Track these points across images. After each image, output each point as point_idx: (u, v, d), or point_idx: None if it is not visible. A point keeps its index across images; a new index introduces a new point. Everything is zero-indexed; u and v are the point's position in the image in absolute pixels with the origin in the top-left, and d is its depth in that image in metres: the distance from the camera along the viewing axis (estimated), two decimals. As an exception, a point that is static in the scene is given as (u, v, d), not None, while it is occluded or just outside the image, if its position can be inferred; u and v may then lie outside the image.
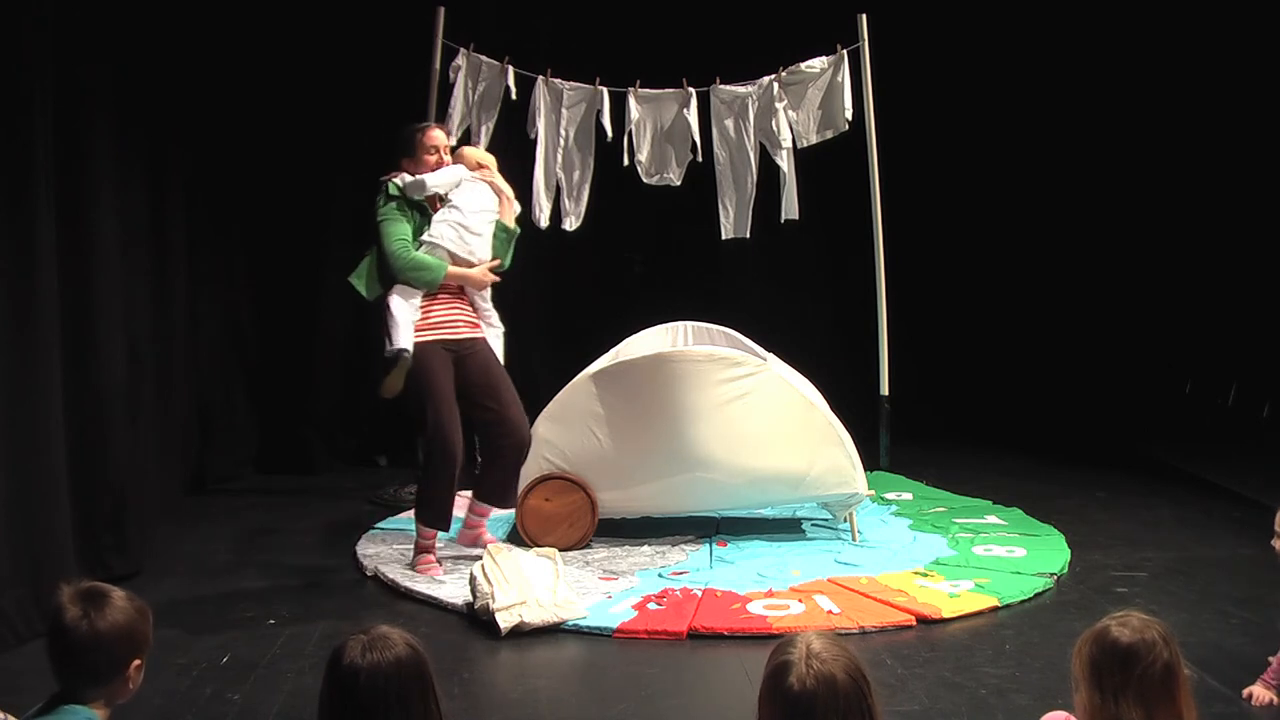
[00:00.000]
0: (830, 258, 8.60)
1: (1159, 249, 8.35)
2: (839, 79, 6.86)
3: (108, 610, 2.51)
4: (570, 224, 7.04)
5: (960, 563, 5.46)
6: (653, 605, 4.89)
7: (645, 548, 5.70)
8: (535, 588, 4.76)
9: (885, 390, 7.11)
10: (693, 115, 6.90)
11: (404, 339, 5.24)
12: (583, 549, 5.65)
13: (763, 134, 6.98)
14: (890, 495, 6.67)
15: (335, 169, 7.52)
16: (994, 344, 8.62)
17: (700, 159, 6.95)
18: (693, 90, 6.90)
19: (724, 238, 7.15)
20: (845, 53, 6.87)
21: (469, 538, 5.47)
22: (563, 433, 5.71)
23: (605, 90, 6.89)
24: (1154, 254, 8.37)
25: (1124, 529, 6.07)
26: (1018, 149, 8.45)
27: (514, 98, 6.86)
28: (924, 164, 8.22)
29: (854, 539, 5.82)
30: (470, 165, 5.60)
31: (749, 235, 7.12)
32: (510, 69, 6.84)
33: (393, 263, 5.29)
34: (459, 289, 5.44)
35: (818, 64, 6.90)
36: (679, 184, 7.03)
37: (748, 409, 5.64)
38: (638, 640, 4.62)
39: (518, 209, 5.79)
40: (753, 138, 6.97)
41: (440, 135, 5.57)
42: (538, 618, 4.66)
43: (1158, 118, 8.18)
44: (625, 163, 6.93)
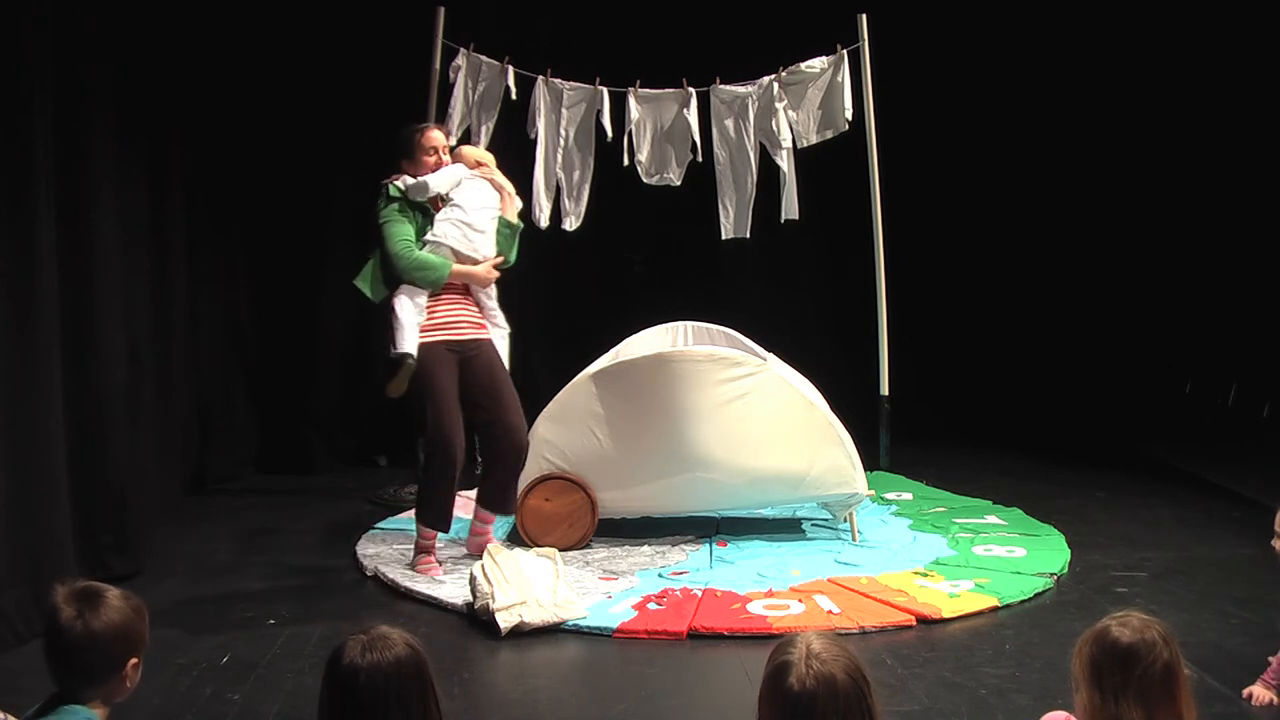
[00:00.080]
0: (830, 258, 8.60)
1: (1159, 249, 8.35)
2: (839, 79, 6.86)
3: (103, 610, 2.50)
4: (570, 224, 7.03)
5: (960, 563, 5.46)
6: (653, 605, 4.89)
7: (645, 548, 5.70)
8: (535, 588, 4.76)
9: (885, 390, 7.11)
10: (693, 115, 6.90)
11: (408, 342, 5.23)
12: (583, 549, 5.65)
13: (763, 134, 6.98)
14: (890, 495, 6.67)
15: (335, 169, 7.53)
16: (994, 344, 8.62)
17: (700, 159, 6.95)
18: (693, 90, 6.90)
19: (724, 238, 7.15)
20: (845, 53, 6.87)
21: (476, 545, 5.44)
22: (563, 433, 5.71)
23: (605, 90, 6.89)
24: (1154, 254, 8.37)
25: (1124, 529, 6.07)
26: (1018, 149, 8.45)
27: (514, 98, 6.86)
28: (924, 164, 8.23)
29: (854, 539, 5.82)
30: (469, 164, 5.60)
31: (749, 235, 7.12)
32: (510, 69, 6.84)
33: (397, 263, 5.28)
34: (464, 288, 5.43)
35: (818, 64, 6.90)
36: (679, 184, 7.03)
37: (748, 409, 5.64)
38: (638, 640, 4.61)
39: (519, 204, 5.79)
40: (753, 138, 6.97)
41: (439, 136, 5.57)
42: (538, 618, 4.65)
43: (1158, 118, 8.17)
44: (625, 163, 6.92)
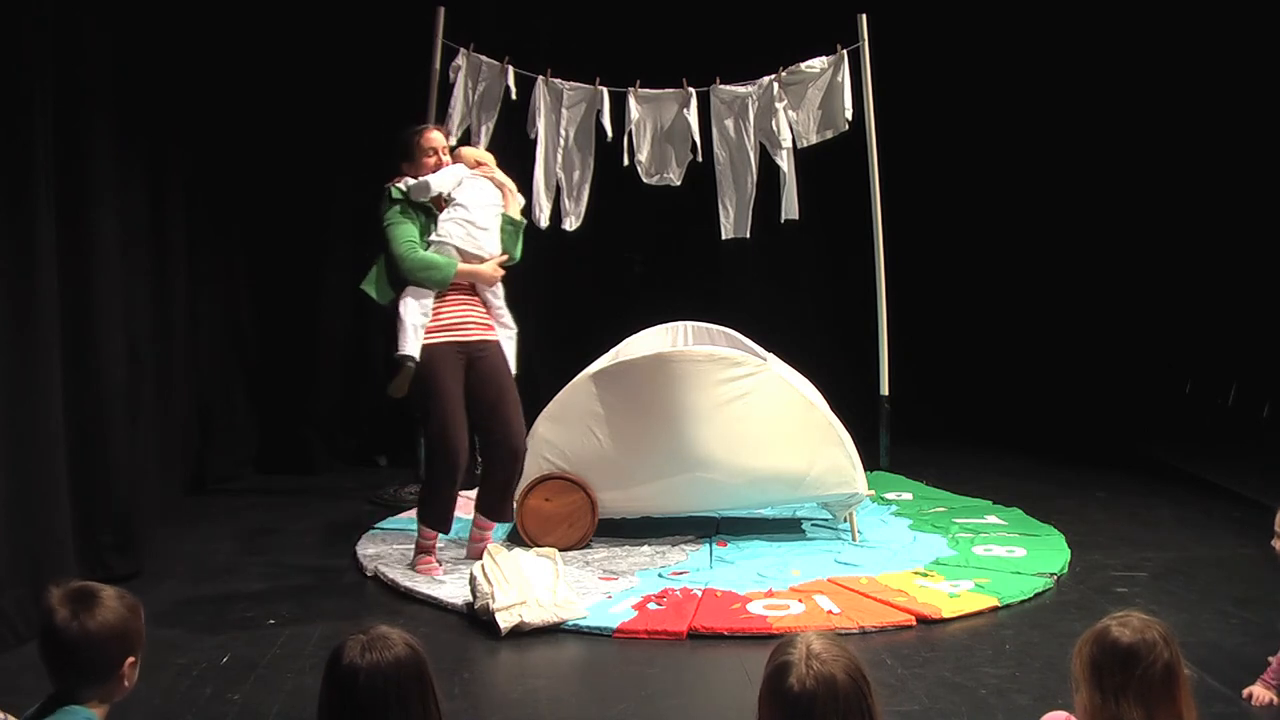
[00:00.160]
0: (830, 258, 8.61)
1: (1159, 249, 8.35)
2: (839, 79, 6.86)
3: (98, 610, 2.49)
4: (570, 224, 7.03)
5: (960, 563, 5.45)
6: (653, 605, 4.89)
7: (645, 548, 5.70)
8: (535, 588, 4.75)
9: (885, 390, 7.11)
10: (693, 115, 6.90)
11: (410, 345, 5.21)
12: (583, 549, 5.65)
13: (763, 134, 6.97)
14: (890, 495, 6.67)
15: (335, 169, 7.53)
16: (994, 344, 8.62)
17: (700, 159, 6.95)
18: (693, 90, 6.90)
19: (724, 238, 7.15)
20: (845, 53, 6.87)
21: (476, 551, 5.41)
22: (563, 433, 5.70)
23: (605, 90, 6.89)
24: (1154, 254, 8.37)
25: (1124, 529, 6.07)
26: (1018, 149, 8.46)
27: (514, 98, 6.86)
28: (924, 164, 8.23)
29: (854, 539, 5.82)
30: (469, 164, 5.59)
31: (749, 235, 7.12)
32: (510, 69, 6.84)
33: (402, 264, 5.27)
34: (471, 288, 5.42)
35: (818, 64, 6.90)
36: (679, 184, 7.03)
37: (748, 409, 5.64)
38: (638, 640, 4.61)
39: (521, 201, 5.79)
40: (753, 138, 6.97)
41: (438, 136, 5.55)
42: (538, 618, 4.65)
43: (1158, 118, 8.17)
44: (625, 163, 6.93)
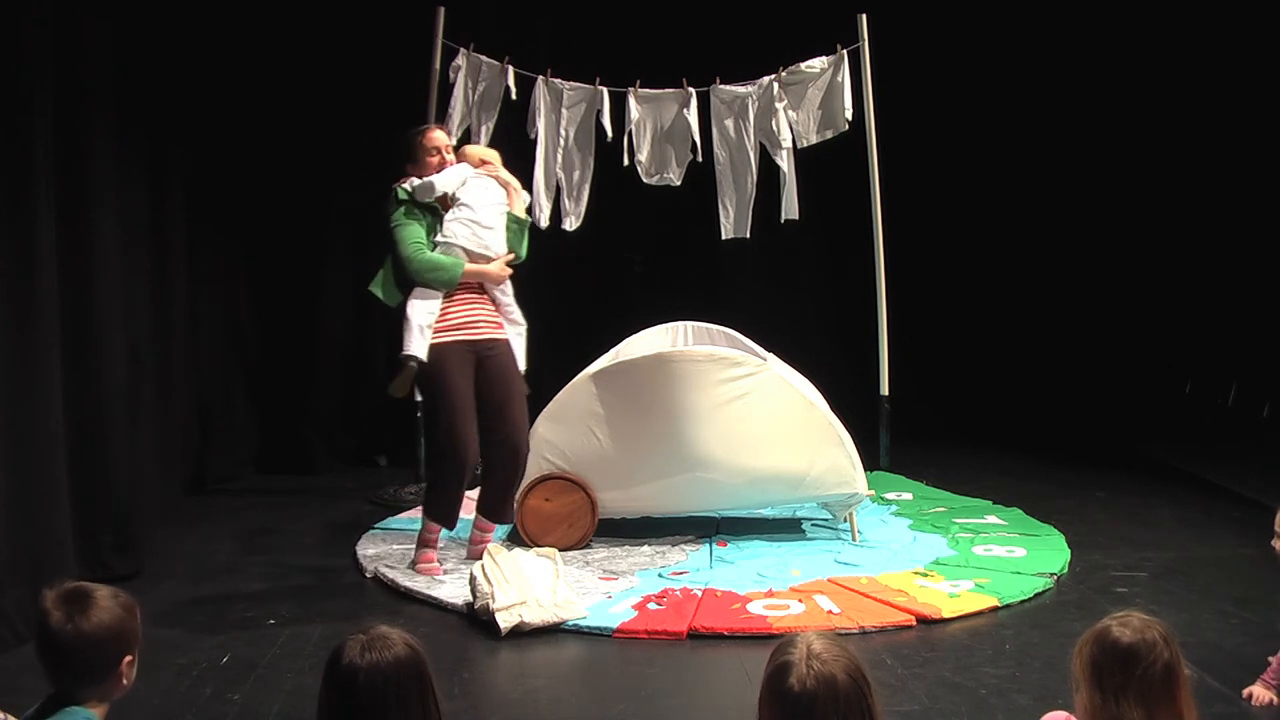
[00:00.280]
0: (830, 258, 8.61)
1: (1159, 249, 8.35)
2: (839, 79, 6.86)
3: (93, 611, 2.49)
4: (570, 224, 7.04)
5: (960, 563, 5.45)
6: (653, 605, 4.89)
7: (645, 548, 5.70)
8: (535, 588, 4.75)
9: (885, 390, 7.11)
10: (693, 115, 6.90)
11: (415, 345, 5.21)
12: (583, 549, 5.65)
13: (763, 134, 6.97)
14: (890, 495, 6.67)
15: (335, 169, 7.52)
16: (994, 344, 8.63)
17: (700, 159, 6.95)
18: (693, 90, 6.90)
19: (724, 238, 7.15)
20: (845, 53, 6.87)
21: (475, 552, 5.40)
22: (563, 433, 5.70)
23: (605, 90, 6.89)
24: (1154, 254, 8.37)
25: (1124, 529, 6.07)
26: (1018, 149, 8.46)
27: (514, 98, 6.86)
28: (924, 164, 8.23)
29: (854, 539, 5.82)
30: (474, 163, 5.58)
31: (749, 235, 7.12)
32: (510, 69, 6.84)
33: (409, 266, 5.27)
34: (479, 287, 5.41)
35: (818, 64, 6.90)
36: (679, 184, 7.03)
37: (748, 409, 5.63)
38: (638, 640, 4.61)
39: (526, 199, 5.79)
40: (753, 138, 6.97)
41: (440, 136, 5.55)
42: (538, 618, 4.65)
43: (1157, 118, 8.17)
44: (625, 163, 6.93)
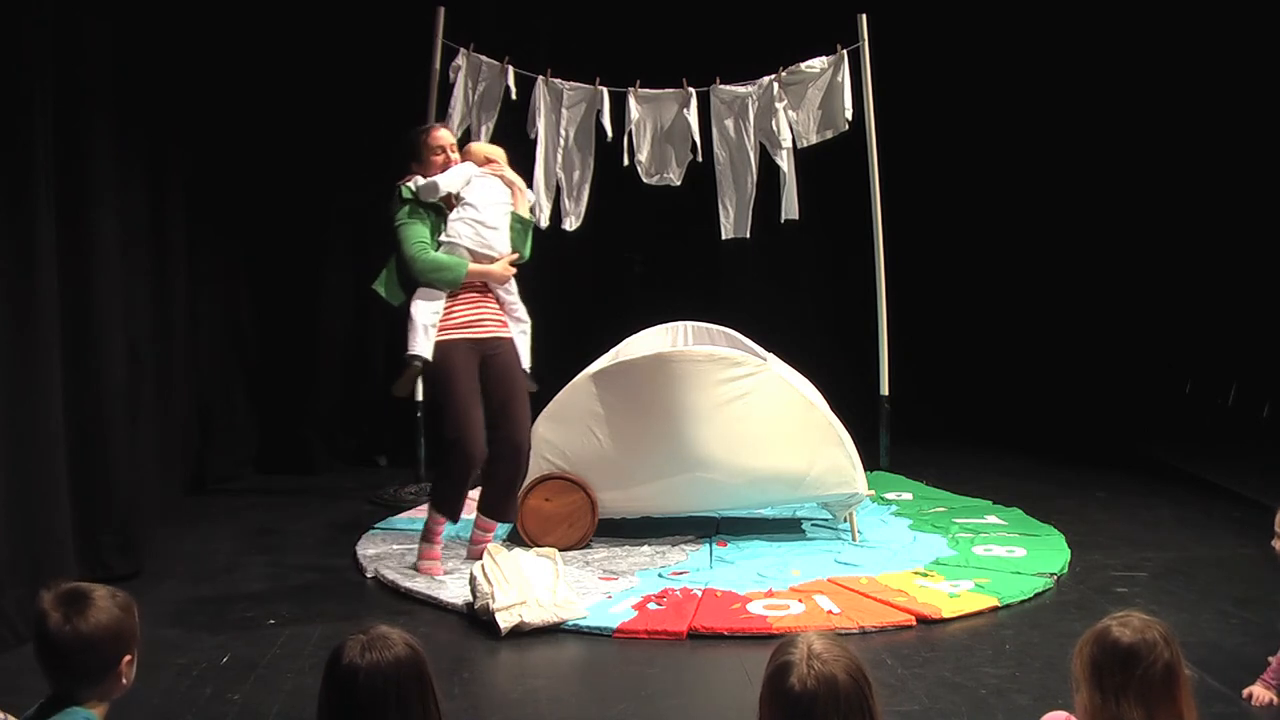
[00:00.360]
0: (830, 258, 8.61)
1: (1159, 249, 8.35)
2: (839, 79, 6.86)
3: (90, 612, 2.48)
4: (570, 224, 7.04)
5: (960, 563, 5.45)
6: (653, 605, 4.89)
7: (645, 548, 5.70)
8: (535, 588, 4.75)
9: (885, 390, 7.11)
10: (693, 115, 6.90)
11: (420, 345, 5.22)
12: (583, 549, 5.65)
13: (763, 134, 6.98)
14: (890, 495, 6.67)
15: (335, 169, 7.51)
16: (994, 344, 8.62)
17: (700, 159, 6.95)
18: (693, 90, 6.90)
19: (724, 238, 7.15)
20: (845, 53, 6.87)
21: (475, 553, 5.40)
22: (563, 433, 5.70)
23: (605, 90, 6.89)
24: (1154, 254, 8.37)
25: (1124, 529, 6.07)
26: (1018, 149, 8.46)
27: (514, 98, 6.86)
28: (924, 164, 8.23)
29: (854, 539, 5.82)
30: (479, 161, 5.57)
31: (749, 235, 7.12)
32: (510, 69, 6.84)
33: (413, 266, 5.28)
34: (483, 286, 5.41)
35: (818, 64, 6.90)
36: (679, 184, 7.03)
37: (748, 409, 5.63)
38: (638, 640, 4.61)
39: (531, 198, 5.78)
40: (753, 138, 6.97)
41: (445, 135, 5.53)
42: (538, 618, 4.65)
43: (1157, 118, 8.18)
44: (625, 163, 6.93)
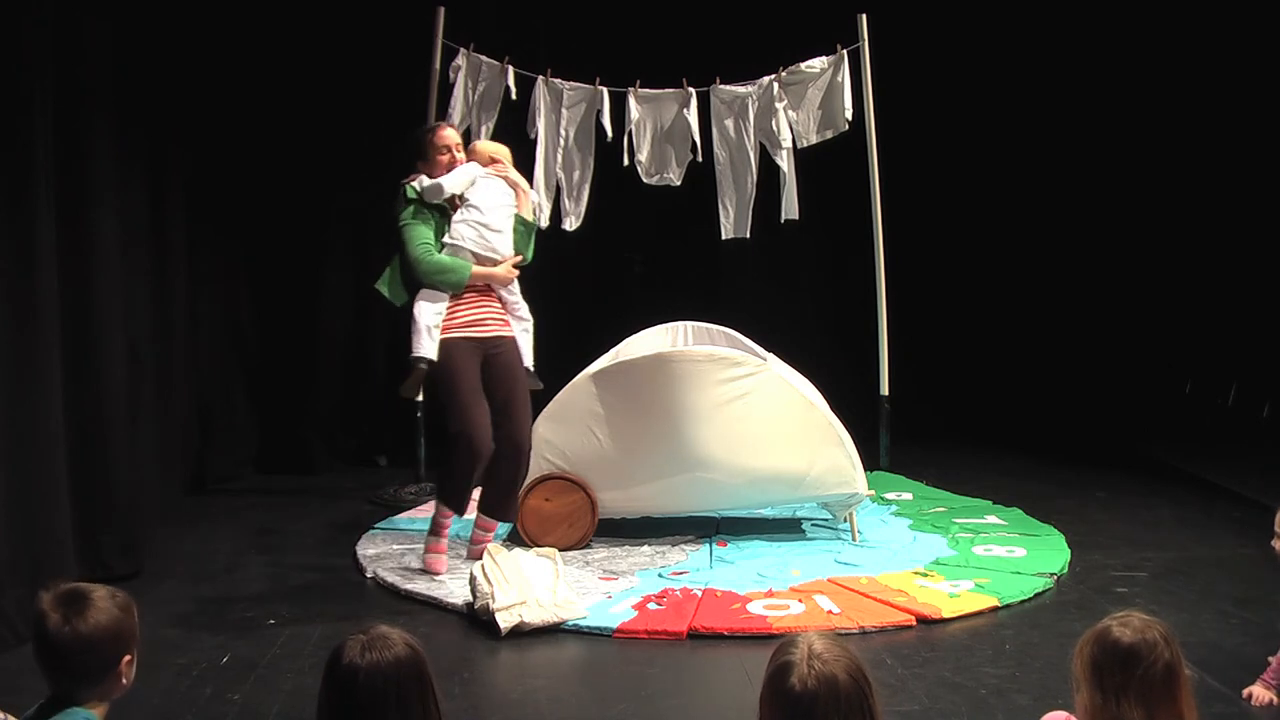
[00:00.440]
0: (830, 258, 8.61)
1: (1159, 249, 8.35)
2: (839, 79, 6.86)
3: (90, 612, 2.47)
4: (570, 224, 7.04)
5: (960, 563, 5.45)
6: (653, 605, 4.89)
7: (645, 548, 5.70)
8: (535, 588, 4.75)
9: (885, 390, 7.11)
10: (693, 115, 6.90)
11: (425, 347, 5.22)
12: (583, 549, 5.65)
13: (763, 134, 6.97)
14: (890, 495, 6.67)
15: (335, 169, 7.52)
16: (993, 344, 8.62)
17: (700, 159, 6.95)
18: (693, 90, 6.90)
19: (724, 238, 7.15)
20: (845, 53, 6.87)
21: (477, 553, 5.39)
22: (563, 433, 5.70)
23: (605, 90, 6.89)
24: (1153, 254, 8.37)
25: (1124, 529, 6.07)
26: (1018, 149, 8.45)
27: (514, 98, 6.86)
28: (924, 164, 8.22)
29: (854, 539, 5.82)
30: (484, 160, 5.57)
31: (749, 235, 7.12)
32: (510, 69, 6.84)
33: (417, 268, 5.29)
34: (485, 286, 5.43)
35: (818, 64, 6.90)
36: (679, 184, 7.03)
37: (748, 409, 5.63)
38: (638, 640, 4.61)
39: (535, 200, 5.78)
40: (753, 138, 6.97)
41: (451, 134, 5.54)
42: (538, 618, 4.65)
43: (1157, 118, 8.18)
44: (625, 163, 6.93)
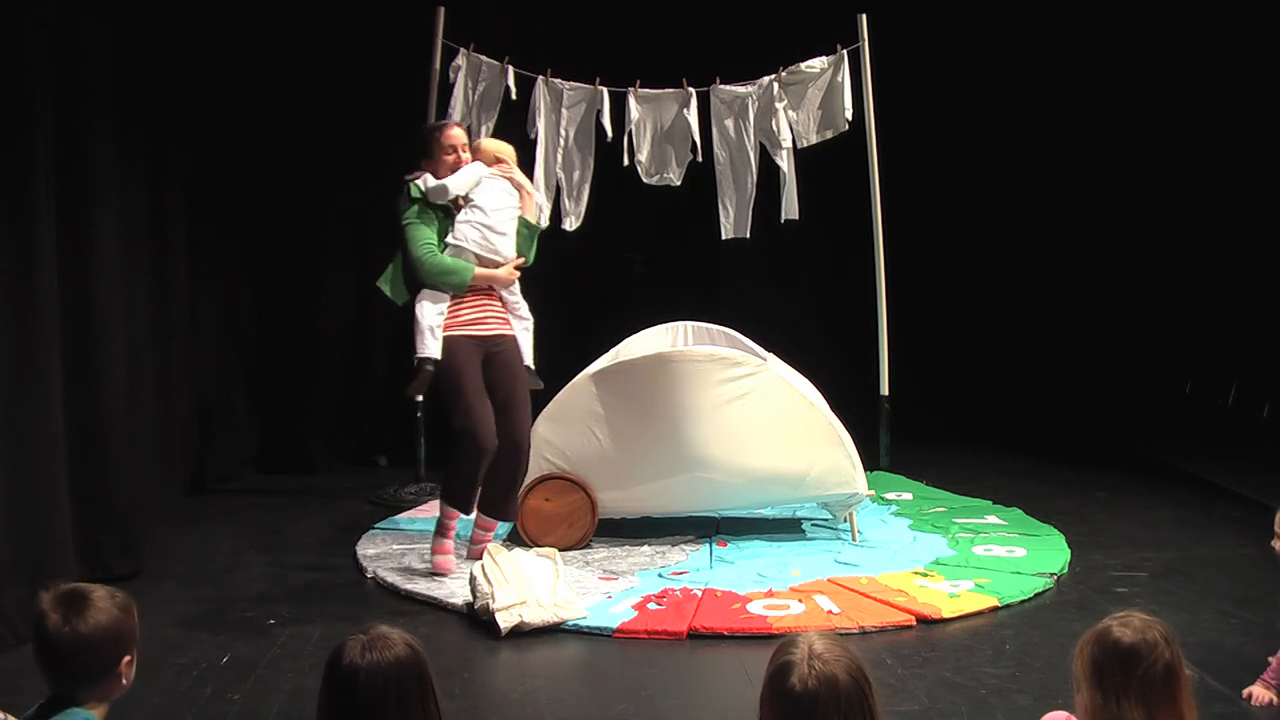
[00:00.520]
0: (830, 258, 8.60)
1: (1158, 249, 8.35)
2: (839, 79, 6.86)
3: (90, 613, 2.47)
4: (570, 224, 7.03)
5: (960, 563, 5.45)
6: (653, 605, 4.89)
7: (645, 548, 5.70)
8: (535, 588, 4.75)
9: (885, 390, 7.11)
10: (693, 115, 6.89)
11: (429, 347, 5.23)
12: (583, 549, 5.65)
13: (763, 134, 6.97)
14: (890, 495, 6.66)
15: (335, 169, 7.51)
16: (993, 344, 8.62)
17: (700, 159, 6.95)
18: (693, 90, 6.90)
19: (724, 238, 7.15)
20: (845, 53, 6.87)
21: (477, 553, 5.39)
22: (563, 433, 5.70)
23: (605, 90, 6.88)
24: (1153, 254, 8.37)
25: (1124, 529, 6.07)
26: (1018, 149, 8.45)
27: (514, 98, 6.86)
28: (924, 164, 8.22)
29: (854, 539, 5.82)
30: (488, 159, 5.56)
31: (749, 235, 7.12)
32: (510, 69, 6.84)
33: (419, 268, 5.30)
34: (487, 288, 5.43)
35: (818, 64, 6.90)
36: (679, 184, 7.03)
37: (748, 409, 5.64)
38: (638, 640, 4.61)
39: (539, 201, 5.77)
40: (753, 138, 6.97)
41: (459, 134, 5.52)
42: (538, 618, 4.65)
43: (1157, 118, 8.17)
44: (625, 163, 6.93)
